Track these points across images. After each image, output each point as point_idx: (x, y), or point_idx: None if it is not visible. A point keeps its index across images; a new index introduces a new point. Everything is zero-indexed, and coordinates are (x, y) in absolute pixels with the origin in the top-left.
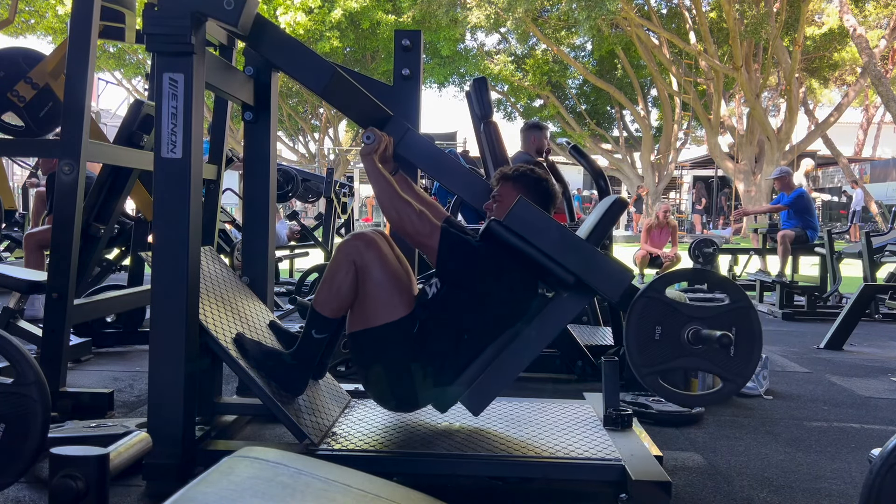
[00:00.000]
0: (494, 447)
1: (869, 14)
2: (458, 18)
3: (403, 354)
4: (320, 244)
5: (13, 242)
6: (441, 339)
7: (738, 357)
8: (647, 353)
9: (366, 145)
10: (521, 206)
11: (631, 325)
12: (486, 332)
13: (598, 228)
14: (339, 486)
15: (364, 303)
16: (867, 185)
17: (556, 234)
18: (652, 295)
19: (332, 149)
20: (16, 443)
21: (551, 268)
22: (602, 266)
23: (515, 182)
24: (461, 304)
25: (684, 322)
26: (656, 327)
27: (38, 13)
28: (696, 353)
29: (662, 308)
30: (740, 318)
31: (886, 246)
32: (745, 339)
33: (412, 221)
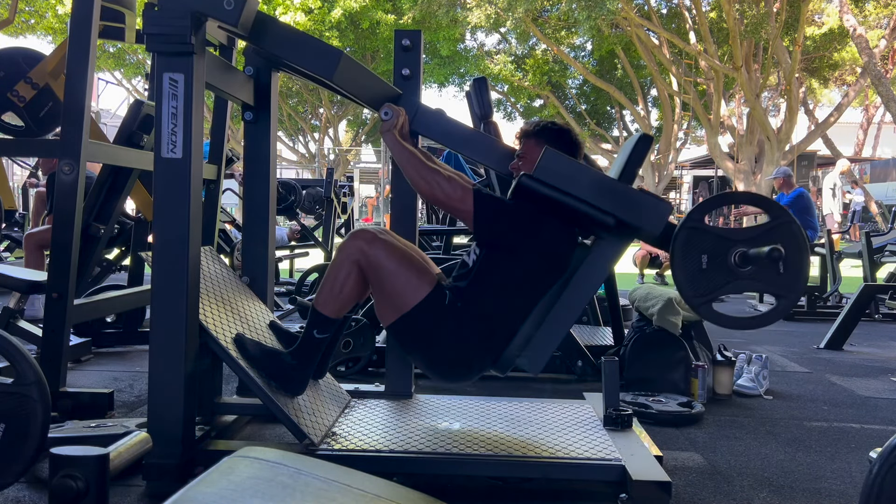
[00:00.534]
0: (494, 447)
1: (869, 14)
2: (458, 18)
3: (443, 327)
4: (320, 244)
5: (13, 242)
6: (489, 302)
7: (788, 272)
8: (697, 284)
9: (385, 122)
10: (548, 157)
11: (676, 259)
12: (532, 288)
13: (628, 167)
14: (339, 486)
15: (387, 295)
16: (867, 185)
17: (588, 178)
18: (693, 226)
19: (332, 149)
20: (16, 443)
21: (589, 212)
22: (640, 202)
23: (538, 136)
24: (504, 264)
25: (729, 247)
26: (702, 256)
27: (38, 13)
28: (746, 275)
29: (705, 236)
30: (784, 234)
31: (886, 246)
32: (793, 254)
33: (442, 188)
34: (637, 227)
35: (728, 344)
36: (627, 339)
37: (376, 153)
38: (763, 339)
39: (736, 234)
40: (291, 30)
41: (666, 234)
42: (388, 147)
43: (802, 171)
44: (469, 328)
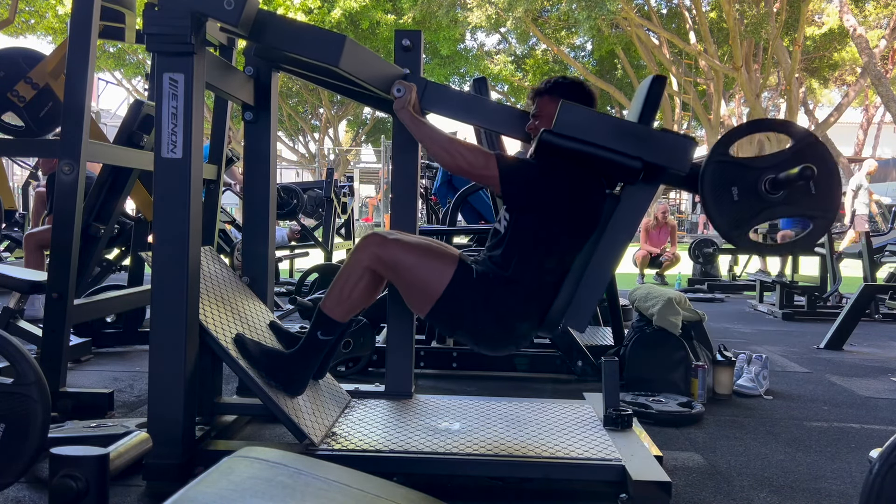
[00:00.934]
0: (494, 447)
1: (869, 14)
2: (458, 19)
3: (480, 299)
4: (320, 244)
5: (13, 242)
6: (527, 265)
7: (820, 192)
8: (731, 216)
9: (398, 99)
10: (565, 110)
11: (707, 194)
12: (568, 246)
13: (645, 110)
14: (339, 486)
15: (415, 288)
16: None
17: (609, 124)
18: (719, 159)
19: (332, 149)
20: (16, 443)
21: (614, 159)
22: (664, 142)
23: (551, 93)
24: (536, 226)
25: (758, 175)
26: (732, 189)
27: (38, 13)
28: (778, 201)
29: (733, 168)
30: (811, 155)
31: (886, 246)
32: (822, 174)
33: (465, 157)
34: (664, 167)
35: (728, 344)
36: (627, 339)
37: (376, 153)
38: (763, 339)
39: (763, 162)
40: (292, 22)
41: (693, 173)
42: (404, 124)
43: None
44: (507, 294)
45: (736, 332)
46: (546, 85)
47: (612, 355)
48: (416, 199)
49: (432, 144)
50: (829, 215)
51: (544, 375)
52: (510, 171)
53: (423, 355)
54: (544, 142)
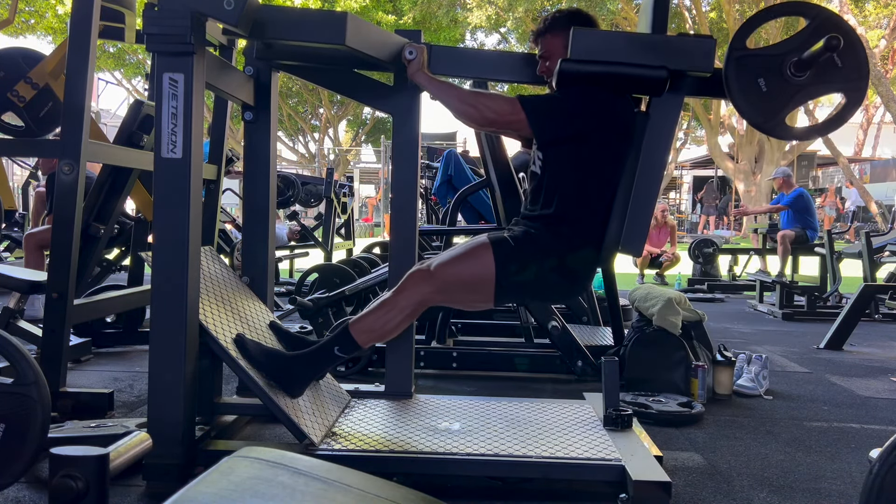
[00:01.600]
0: (494, 447)
1: (869, 14)
2: (458, 19)
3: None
4: (320, 244)
5: (13, 242)
6: (572, 199)
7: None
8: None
9: (411, 62)
10: (578, 36)
11: (734, 91)
12: (608, 168)
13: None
14: (339, 486)
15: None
16: (867, 185)
17: (626, 40)
18: (739, 55)
19: (332, 149)
20: (16, 443)
21: (638, 73)
22: (682, 46)
23: (552, 30)
24: (572, 157)
25: (780, 62)
26: (758, 80)
27: (38, 13)
28: (807, 82)
29: (753, 60)
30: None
31: (886, 246)
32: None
33: (491, 108)
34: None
35: (728, 344)
36: (627, 339)
37: (376, 153)
38: (763, 339)
39: (783, 47)
40: (290, 10)
41: (716, 74)
42: (421, 86)
43: (802, 171)
44: (559, 234)
45: (736, 332)
46: (545, 24)
47: (612, 355)
48: (415, 199)
49: (457, 101)
50: (862, 84)
51: (544, 375)
52: (536, 107)
53: (423, 355)
54: (565, 71)
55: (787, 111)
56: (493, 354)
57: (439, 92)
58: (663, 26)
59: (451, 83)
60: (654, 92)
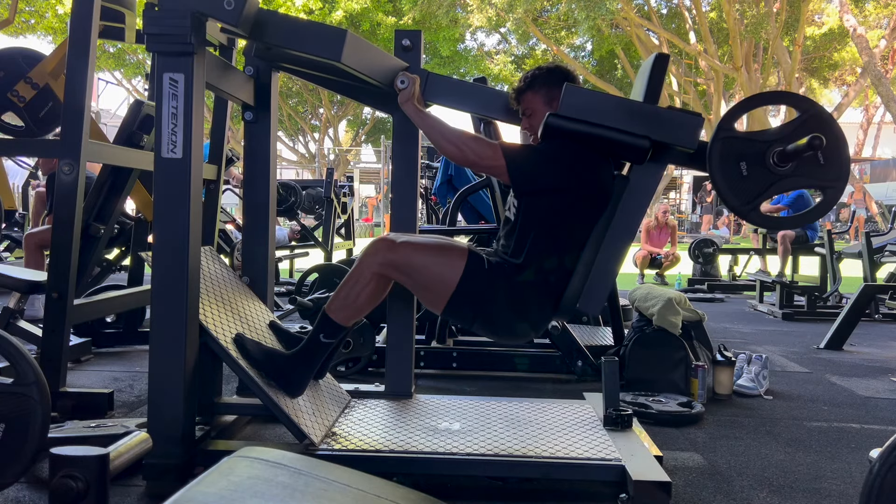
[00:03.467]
0: (494, 447)
1: (869, 14)
2: (458, 19)
3: (494, 289)
4: (320, 244)
5: (13, 242)
6: (539, 250)
7: (829, 163)
8: (741, 192)
9: (402, 91)
10: (569, 92)
11: (715, 171)
12: (579, 228)
13: (650, 88)
14: (339, 486)
15: (428, 286)
16: (867, 185)
17: (614, 105)
18: (725, 135)
19: (332, 149)
20: (16, 443)
21: (621, 139)
22: (669, 119)
23: (532, 87)
24: (545, 210)
25: (765, 149)
26: (740, 164)
27: (38, 13)
28: (787, 173)
29: (739, 143)
30: (818, 125)
31: (886, 246)
32: (830, 143)
33: (472, 149)
34: (672, 145)
35: (728, 344)
36: (627, 339)
37: (376, 153)
38: (763, 339)
39: (770, 135)
40: (292, 18)
41: (700, 151)
42: (409, 116)
43: None
44: (521, 281)
45: (736, 332)
46: (525, 81)
47: (612, 355)
48: (416, 199)
49: (439, 137)
50: (840, 184)
51: (544, 375)
52: (516, 157)
53: (423, 355)
54: (551, 125)
55: (763, 198)
56: (493, 354)
57: (425, 125)
58: (655, 97)
59: (437, 118)
60: (634, 160)
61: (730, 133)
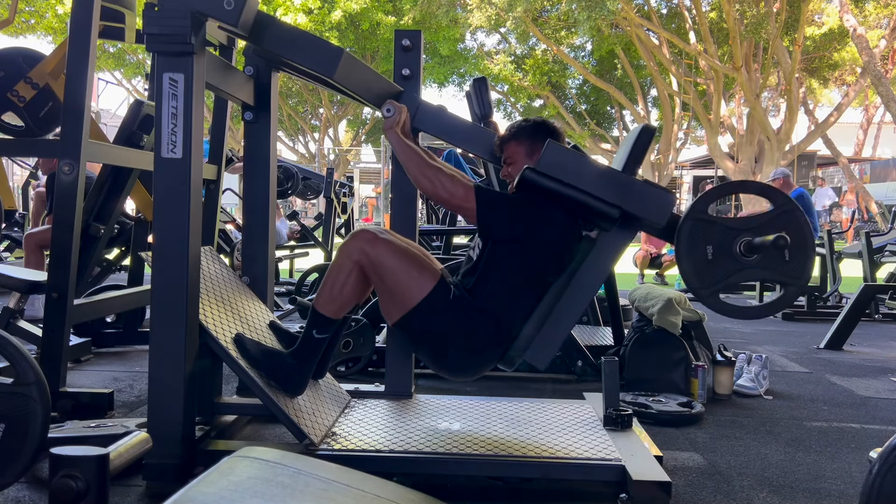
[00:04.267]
0: (494, 447)
1: (869, 14)
2: (457, 19)
3: (450, 321)
4: (320, 244)
5: (13, 242)
6: (493, 297)
7: (794, 260)
8: (704, 275)
9: (387, 119)
10: (550, 150)
11: (682, 251)
12: (537, 282)
13: (631, 159)
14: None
15: (391, 293)
16: (867, 185)
17: (592, 169)
18: (697, 217)
19: (332, 149)
20: (16, 443)
21: (593, 205)
22: (643, 193)
23: (516, 138)
24: (508, 258)
25: (734, 236)
26: (707, 247)
27: (38, 13)
28: (752, 264)
29: (710, 227)
30: (788, 222)
31: (886, 246)
32: (797, 241)
33: (445, 187)
34: (642, 219)
35: (728, 344)
36: (627, 339)
37: (376, 153)
38: (763, 339)
39: (740, 224)
40: (292, 28)
41: (671, 226)
42: (390, 144)
43: (802, 171)
44: (476, 323)
45: (736, 332)
46: (510, 131)
47: (612, 355)
48: (416, 199)
49: (415, 169)
50: (801, 282)
51: (544, 375)
52: (487, 202)
53: None
54: (526, 179)
55: (724, 285)
56: None
57: (403, 154)
58: (633, 168)
59: (417, 150)
60: (602, 227)
61: (701, 216)
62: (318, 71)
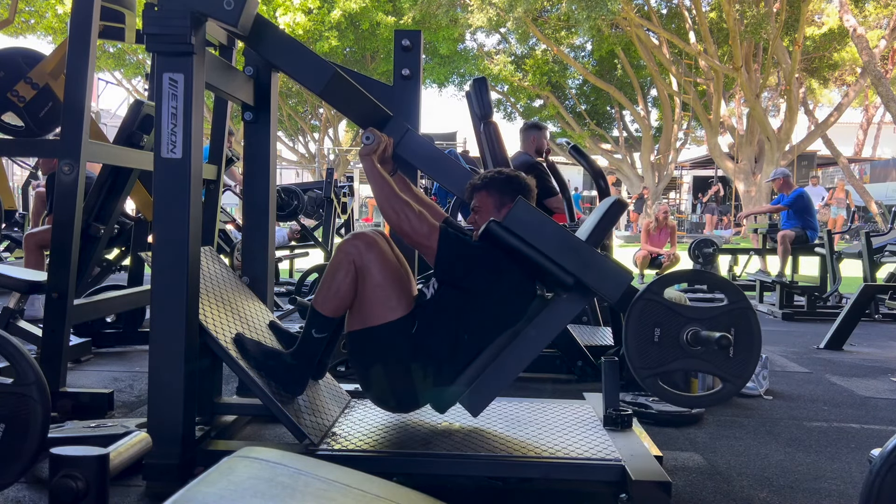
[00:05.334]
0: (494, 447)
1: (869, 14)
2: (457, 19)
3: (402, 354)
4: (320, 244)
5: (13, 242)
6: (439, 339)
7: (738, 358)
8: (647, 355)
9: (365, 146)
10: (519, 207)
11: (630, 327)
12: (484, 332)
13: (597, 229)
14: (339, 486)
15: (363, 303)
16: (867, 186)
17: (555, 234)
18: (650, 297)
19: (332, 149)
20: (16, 443)
21: (550, 268)
22: (601, 267)
23: (487, 188)
24: (459, 304)
25: (683, 324)
26: (655, 329)
27: (38, 13)
28: (696, 354)
29: (661, 310)
30: (739, 319)
31: (886, 246)
32: (744, 340)
33: (410, 222)
34: (595, 291)
35: None
36: None
37: None
38: (763, 339)
39: (692, 312)
40: (289, 40)
41: (624, 300)
42: (364, 170)
43: (802, 171)
44: (418, 361)
45: None
46: (481, 180)
47: (612, 355)
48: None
49: (383, 199)
50: (740, 381)
51: (544, 375)
52: (448, 247)
53: None
54: (490, 231)
55: (666, 368)
56: None
57: (374, 184)
58: (598, 240)
59: (388, 182)
60: (555, 290)
61: (656, 297)
62: (306, 85)
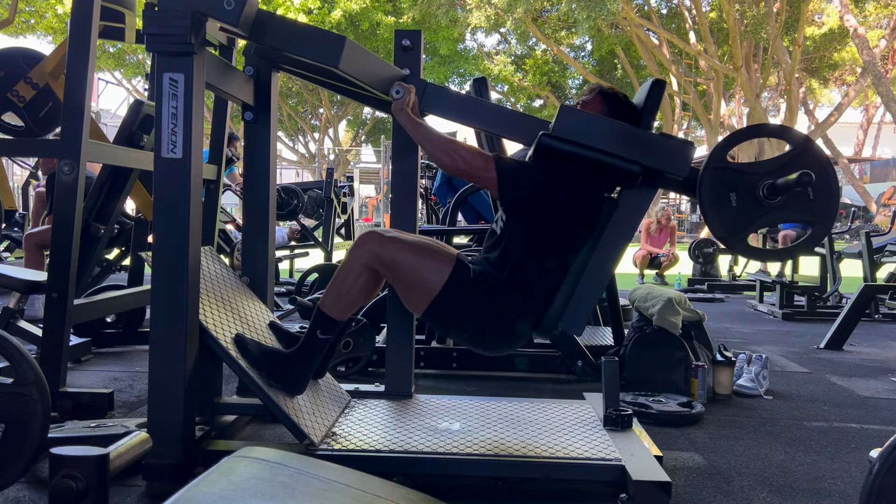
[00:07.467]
0: (494, 447)
1: (869, 14)
2: (457, 18)
3: (476, 299)
4: (320, 244)
5: (13, 242)
6: (523, 267)
7: (819, 198)
8: (730, 222)
9: (396, 101)
10: (563, 113)
11: (705, 199)
12: (565, 249)
13: (645, 113)
14: (339, 486)
15: (412, 286)
16: (867, 185)
17: (608, 129)
18: (717, 164)
19: (332, 149)
20: (16, 443)
21: (613, 163)
22: (662, 146)
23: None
24: (533, 228)
25: (756, 180)
26: (730, 194)
27: (38, 13)
28: (777, 206)
29: (730, 174)
30: (809, 160)
31: (886, 246)
32: (821, 178)
33: (465, 159)
34: (662, 172)
35: (728, 344)
36: (627, 339)
37: (376, 153)
38: (763, 339)
39: (761, 167)
40: (292, 22)
41: (691, 178)
42: (402, 125)
43: None
44: (505, 295)
45: (736, 332)
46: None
47: (612, 355)
48: (416, 199)
49: (431, 146)
50: (828, 220)
51: (544, 375)
52: (509, 173)
53: (423, 355)
54: (543, 145)
55: (751, 230)
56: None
57: (417, 134)
58: (649, 123)
59: (431, 128)
60: (624, 184)
61: (721, 163)
62: (323, 61)
